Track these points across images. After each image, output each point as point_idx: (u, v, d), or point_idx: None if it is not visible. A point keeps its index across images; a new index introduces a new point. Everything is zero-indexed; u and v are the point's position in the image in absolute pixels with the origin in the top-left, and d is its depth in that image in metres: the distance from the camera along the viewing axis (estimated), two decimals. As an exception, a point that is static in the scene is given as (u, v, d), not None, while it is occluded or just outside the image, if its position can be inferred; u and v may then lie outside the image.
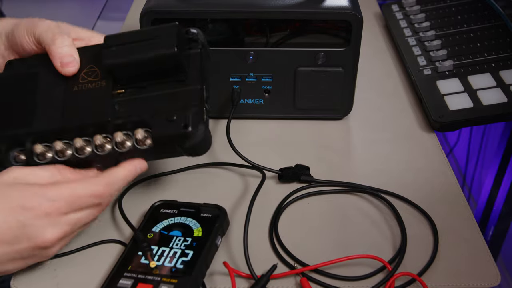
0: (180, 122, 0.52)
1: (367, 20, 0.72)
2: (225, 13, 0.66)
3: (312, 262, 0.54)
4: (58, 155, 0.54)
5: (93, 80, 0.55)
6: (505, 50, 0.80)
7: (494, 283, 0.52)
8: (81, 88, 0.55)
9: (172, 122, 0.52)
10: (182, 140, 0.52)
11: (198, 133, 0.52)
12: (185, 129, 0.51)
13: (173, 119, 0.52)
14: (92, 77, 0.55)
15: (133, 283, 0.50)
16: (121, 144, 0.53)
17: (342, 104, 0.73)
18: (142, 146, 0.53)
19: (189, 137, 0.52)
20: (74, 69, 0.56)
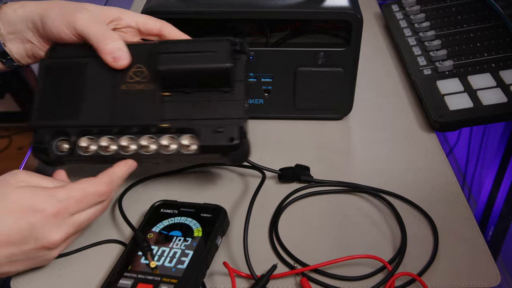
0: (227, 134, 0.54)
1: (367, 20, 0.72)
2: (225, 13, 0.66)
3: (312, 262, 0.54)
4: (102, 150, 0.56)
5: (142, 81, 0.57)
6: (505, 50, 0.80)
7: (494, 283, 0.52)
8: (130, 88, 0.57)
9: (219, 134, 0.54)
10: (227, 151, 0.55)
11: (242, 145, 0.55)
12: (231, 142, 0.54)
13: (221, 131, 0.54)
14: (141, 77, 0.57)
15: (133, 283, 0.50)
16: (166, 147, 0.55)
17: (342, 104, 0.73)
18: (186, 151, 0.55)
19: (234, 149, 0.55)
20: (127, 61, 0.57)
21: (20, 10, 0.59)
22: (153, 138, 0.56)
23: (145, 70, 0.57)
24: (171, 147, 0.55)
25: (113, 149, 0.56)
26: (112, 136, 0.56)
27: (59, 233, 0.49)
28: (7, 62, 0.61)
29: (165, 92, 0.56)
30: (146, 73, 0.57)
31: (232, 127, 0.55)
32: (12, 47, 0.60)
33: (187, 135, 0.55)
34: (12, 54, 0.60)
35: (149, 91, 0.56)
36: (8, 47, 0.60)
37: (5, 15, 0.59)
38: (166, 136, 0.55)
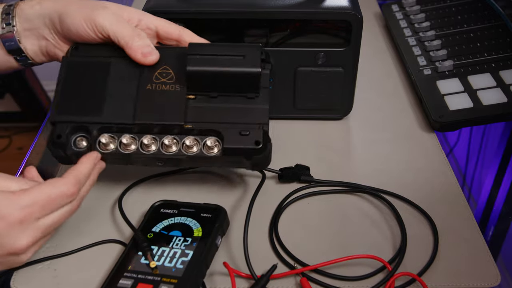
0: (252, 138, 0.55)
1: (367, 20, 0.72)
2: (225, 13, 0.66)
3: (312, 262, 0.54)
4: (122, 147, 0.56)
5: (168, 82, 0.57)
6: (505, 50, 0.80)
7: (494, 283, 0.52)
8: (155, 88, 0.57)
9: (244, 136, 0.55)
10: (251, 155, 0.55)
11: (267, 150, 0.55)
12: (256, 145, 0.54)
13: (247, 134, 0.55)
14: (167, 79, 0.57)
15: (133, 283, 0.50)
16: (189, 148, 0.55)
17: (342, 104, 0.73)
18: (208, 153, 0.55)
19: (258, 153, 0.55)
20: (156, 57, 0.57)
21: (37, 6, 0.58)
22: (176, 138, 0.56)
23: (171, 72, 0.57)
24: (194, 149, 0.55)
25: (133, 148, 0.56)
26: (134, 135, 0.56)
27: (25, 238, 0.47)
28: (22, 60, 0.61)
29: (190, 94, 0.57)
30: (172, 75, 0.57)
31: (257, 130, 0.55)
32: (27, 44, 0.60)
33: (211, 137, 0.56)
34: (27, 51, 0.60)
35: (174, 92, 0.57)
36: (23, 44, 0.59)
37: (22, 11, 0.59)
38: (190, 136, 0.56)
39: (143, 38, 0.57)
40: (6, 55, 0.60)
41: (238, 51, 0.56)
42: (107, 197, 0.63)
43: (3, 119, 2.11)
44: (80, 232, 0.59)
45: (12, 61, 0.61)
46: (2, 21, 0.59)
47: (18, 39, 0.59)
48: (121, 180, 0.65)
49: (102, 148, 0.56)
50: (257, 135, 0.55)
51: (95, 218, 0.60)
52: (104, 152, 0.55)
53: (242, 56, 0.56)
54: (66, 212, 0.51)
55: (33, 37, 0.60)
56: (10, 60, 0.61)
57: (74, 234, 0.58)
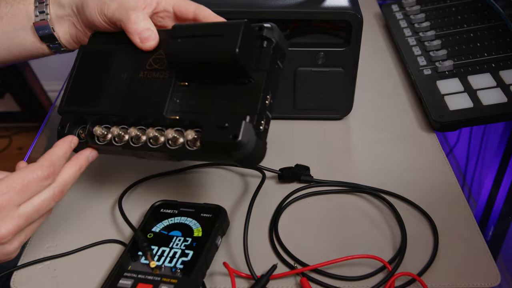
0: (230, 131, 0.46)
1: (367, 20, 0.72)
2: (225, 13, 0.66)
3: (312, 262, 0.54)
4: (116, 140, 0.54)
5: (159, 69, 0.54)
6: (505, 50, 0.80)
7: (494, 283, 0.52)
8: (146, 76, 0.54)
9: (222, 130, 0.47)
10: (230, 150, 0.47)
11: (248, 145, 0.47)
12: (233, 139, 0.46)
13: (224, 126, 0.47)
14: (159, 65, 0.54)
15: (133, 283, 0.50)
16: (172, 141, 0.51)
17: (342, 104, 0.73)
18: (192, 147, 0.50)
19: (237, 148, 0.47)
20: (154, 42, 0.55)
21: None
22: (162, 131, 0.52)
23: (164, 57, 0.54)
24: (177, 142, 0.50)
25: (125, 140, 0.53)
26: (126, 126, 0.54)
27: (6, 226, 0.47)
28: (55, 47, 0.61)
29: (182, 81, 0.52)
30: (164, 60, 0.54)
31: (238, 122, 0.46)
32: (59, 31, 0.60)
33: (193, 130, 0.49)
34: (60, 39, 0.60)
35: (163, 80, 0.53)
36: (56, 32, 0.59)
37: None
38: (172, 129, 0.50)
39: (144, 20, 0.54)
40: (40, 43, 0.60)
41: (219, 30, 0.48)
42: (107, 197, 0.63)
43: (3, 119, 2.11)
44: (80, 232, 0.59)
45: (45, 48, 0.61)
46: (35, 9, 0.59)
47: (52, 26, 0.59)
48: (121, 180, 0.65)
49: (100, 141, 0.54)
50: (235, 128, 0.46)
51: (95, 218, 0.60)
52: (99, 144, 0.54)
53: (221, 35, 0.48)
54: (48, 197, 0.50)
55: (65, 25, 0.60)
56: (43, 48, 0.61)
57: (74, 234, 0.58)
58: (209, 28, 0.51)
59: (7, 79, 1.89)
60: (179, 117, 0.51)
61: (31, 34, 0.60)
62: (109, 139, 0.54)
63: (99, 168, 0.67)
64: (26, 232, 0.50)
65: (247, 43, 0.47)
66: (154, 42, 0.55)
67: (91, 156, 0.55)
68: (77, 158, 0.54)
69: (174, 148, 0.51)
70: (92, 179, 0.66)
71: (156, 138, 0.52)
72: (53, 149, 0.52)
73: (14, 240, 0.49)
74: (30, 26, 0.59)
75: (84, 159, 0.54)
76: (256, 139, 0.48)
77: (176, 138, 0.50)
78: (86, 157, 0.54)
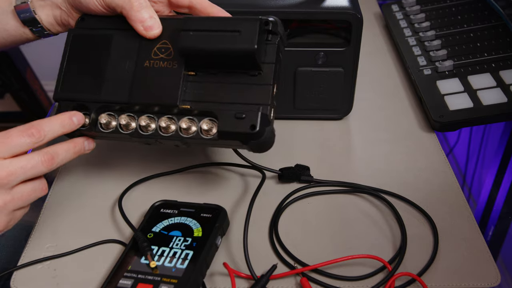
0: (248, 122, 0.51)
1: (367, 20, 0.72)
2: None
3: (312, 262, 0.54)
4: (122, 128, 0.55)
5: (166, 58, 0.54)
6: (505, 50, 0.80)
7: (494, 283, 0.52)
8: (153, 65, 0.55)
9: (240, 120, 0.51)
10: (247, 139, 0.52)
11: (264, 134, 0.52)
12: (252, 129, 0.50)
13: (242, 117, 0.51)
14: (165, 54, 0.54)
15: (133, 283, 0.50)
16: (185, 130, 0.53)
17: (342, 104, 0.73)
18: (205, 136, 0.53)
19: (255, 138, 0.51)
20: (158, 31, 0.55)
21: None
22: (173, 119, 0.54)
23: (170, 47, 0.55)
24: (190, 130, 0.53)
25: (133, 127, 0.54)
26: (132, 114, 0.55)
27: None
28: (38, 31, 0.61)
29: (189, 71, 0.54)
30: (170, 50, 0.54)
31: (254, 113, 0.51)
32: (41, 14, 0.59)
33: (207, 119, 0.53)
34: (43, 22, 0.59)
35: (171, 69, 0.54)
36: (38, 15, 0.59)
37: None
38: (186, 118, 0.53)
39: (147, 8, 0.55)
40: (22, 27, 0.60)
41: (234, 25, 0.51)
42: (107, 197, 0.63)
43: (3, 119, 2.11)
44: (80, 232, 0.59)
45: (28, 32, 0.61)
46: None
47: (33, 9, 0.59)
48: (121, 180, 0.65)
49: (104, 128, 0.55)
50: (253, 118, 0.50)
51: (95, 218, 0.60)
52: (105, 132, 0.55)
53: (238, 31, 0.51)
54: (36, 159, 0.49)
55: (48, 7, 0.59)
56: (26, 32, 0.61)
57: (74, 234, 0.58)
58: (223, 23, 0.52)
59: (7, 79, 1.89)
60: (190, 106, 0.53)
61: (12, 18, 0.59)
62: (114, 127, 0.55)
63: (99, 168, 0.67)
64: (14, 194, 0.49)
65: (260, 38, 0.51)
66: (158, 30, 0.55)
67: (87, 144, 0.55)
68: (73, 140, 0.54)
69: (188, 136, 0.53)
70: (92, 179, 0.66)
71: (168, 127, 0.53)
72: (50, 117, 0.52)
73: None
74: (11, 10, 0.59)
75: (80, 141, 0.54)
76: (270, 128, 0.52)
77: (190, 127, 0.53)
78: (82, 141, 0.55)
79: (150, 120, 0.54)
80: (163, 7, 0.59)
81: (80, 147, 0.55)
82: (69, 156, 0.53)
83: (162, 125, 0.53)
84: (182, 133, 0.53)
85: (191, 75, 0.54)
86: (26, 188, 0.50)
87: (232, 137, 0.52)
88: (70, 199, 0.63)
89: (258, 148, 0.53)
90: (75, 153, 0.54)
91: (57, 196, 0.64)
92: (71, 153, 0.53)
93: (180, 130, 0.53)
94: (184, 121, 0.53)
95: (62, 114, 0.53)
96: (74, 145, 0.54)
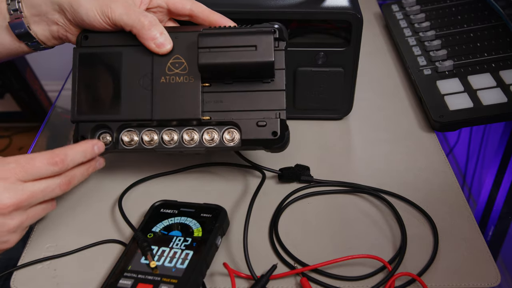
0: (269, 128, 0.55)
1: (367, 20, 0.72)
2: (225, 13, 0.66)
3: (312, 262, 0.54)
4: (145, 143, 0.57)
5: (181, 74, 0.57)
6: (505, 50, 0.80)
7: (494, 283, 0.52)
8: (169, 81, 0.57)
9: (261, 128, 0.55)
10: (270, 145, 0.56)
11: (284, 137, 0.56)
12: (274, 136, 0.55)
13: (264, 124, 0.55)
14: (180, 69, 0.57)
15: (133, 283, 0.50)
16: (209, 141, 0.57)
17: (342, 104, 0.73)
18: (227, 143, 0.57)
19: (277, 143, 0.56)
20: (170, 46, 0.56)
21: None
22: (195, 130, 0.57)
23: (184, 61, 0.57)
24: (213, 140, 0.57)
25: (155, 141, 0.57)
26: (153, 128, 0.57)
27: (8, 196, 0.47)
28: (33, 45, 0.61)
29: (205, 82, 0.56)
30: (184, 65, 0.57)
31: (274, 120, 0.55)
32: (37, 30, 0.59)
33: (230, 129, 0.57)
34: (38, 37, 0.60)
35: (188, 83, 0.56)
36: (33, 30, 0.59)
37: None
38: (208, 129, 0.57)
39: (157, 25, 0.56)
40: (17, 42, 0.60)
41: (250, 41, 0.54)
42: (107, 197, 0.63)
43: (3, 119, 2.11)
44: (80, 232, 0.59)
45: (24, 46, 0.61)
46: (8, 7, 0.58)
47: (28, 25, 0.59)
48: (121, 180, 0.65)
49: (126, 145, 0.57)
50: (274, 125, 0.55)
51: (95, 218, 0.60)
52: (128, 148, 0.57)
53: (254, 46, 0.54)
54: (54, 183, 0.51)
55: (43, 23, 0.59)
56: (21, 46, 0.61)
57: (74, 234, 0.58)
58: (239, 39, 0.55)
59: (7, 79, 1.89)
60: (210, 118, 0.56)
61: (7, 33, 0.59)
62: (136, 143, 0.57)
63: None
64: (29, 214, 0.50)
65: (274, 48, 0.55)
66: (169, 46, 0.56)
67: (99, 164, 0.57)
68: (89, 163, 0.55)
69: (211, 146, 0.57)
70: (92, 179, 0.66)
71: (191, 139, 0.57)
72: (73, 145, 0.53)
73: (15, 216, 0.49)
74: (5, 25, 0.59)
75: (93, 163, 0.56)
76: (289, 132, 0.57)
77: (212, 137, 0.57)
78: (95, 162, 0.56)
79: (172, 132, 0.57)
80: (163, 16, 0.60)
81: (93, 168, 0.57)
82: (82, 178, 0.55)
83: (186, 138, 0.57)
84: (205, 143, 0.57)
85: (206, 86, 0.57)
86: (40, 207, 0.52)
87: (255, 144, 0.56)
88: (70, 199, 0.63)
89: (278, 149, 0.57)
90: (88, 174, 0.56)
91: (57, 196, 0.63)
92: (85, 175, 0.55)
93: (203, 140, 0.57)
94: (206, 132, 0.57)
95: (84, 143, 0.54)
96: (88, 167, 0.55)
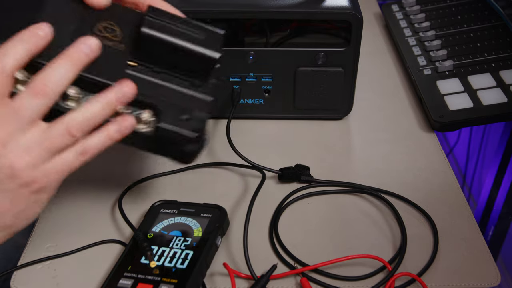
0: (192, 124, 0.49)
1: (367, 20, 0.72)
2: (225, 13, 0.66)
3: (312, 262, 0.54)
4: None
5: (112, 39, 0.50)
6: (505, 50, 0.80)
7: (494, 283, 0.52)
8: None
9: (184, 121, 0.49)
10: (185, 143, 0.50)
11: (202, 142, 0.51)
12: (194, 132, 0.49)
13: (188, 118, 0.49)
14: (111, 35, 0.50)
15: (133, 283, 0.50)
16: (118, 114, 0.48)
17: (342, 104, 0.73)
18: (139, 128, 0.49)
19: (193, 142, 0.50)
20: (106, 1, 0.50)
21: None
22: None
23: (117, 29, 0.50)
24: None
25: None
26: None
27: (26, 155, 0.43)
28: None
29: (133, 61, 0.50)
30: (117, 32, 0.50)
31: (200, 118, 0.50)
32: None
33: (147, 110, 0.49)
34: None
35: (116, 51, 0.49)
36: None
37: None
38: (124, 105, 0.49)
39: None
40: None
41: (200, 29, 0.51)
42: (107, 197, 0.63)
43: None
44: (80, 232, 0.59)
45: None
46: None
47: None
48: (121, 180, 0.65)
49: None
50: (199, 122, 0.50)
51: (95, 218, 0.60)
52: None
53: (204, 36, 0.50)
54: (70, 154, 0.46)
55: None
56: None
57: (74, 234, 0.58)
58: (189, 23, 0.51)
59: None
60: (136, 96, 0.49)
61: None
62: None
63: (99, 168, 0.67)
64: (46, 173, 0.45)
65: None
66: (106, 1, 0.50)
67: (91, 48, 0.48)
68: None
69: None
70: (92, 179, 0.66)
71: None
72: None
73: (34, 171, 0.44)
74: None
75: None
76: (206, 138, 0.52)
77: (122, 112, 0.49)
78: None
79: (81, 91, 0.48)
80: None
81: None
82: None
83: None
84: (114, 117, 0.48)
85: (132, 66, 0.50)
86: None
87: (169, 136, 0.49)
88: (70, 199, 0.63)
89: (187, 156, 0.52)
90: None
91: (57, 196, 0.63)
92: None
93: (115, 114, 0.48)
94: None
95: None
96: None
